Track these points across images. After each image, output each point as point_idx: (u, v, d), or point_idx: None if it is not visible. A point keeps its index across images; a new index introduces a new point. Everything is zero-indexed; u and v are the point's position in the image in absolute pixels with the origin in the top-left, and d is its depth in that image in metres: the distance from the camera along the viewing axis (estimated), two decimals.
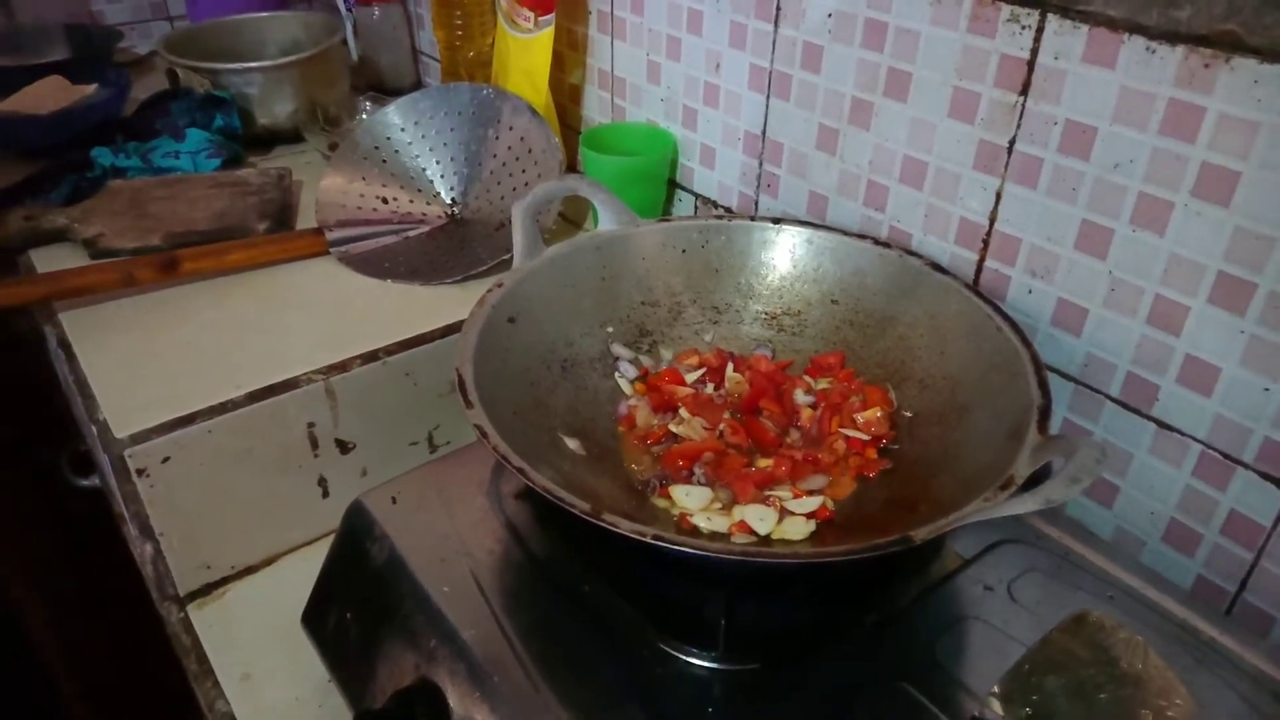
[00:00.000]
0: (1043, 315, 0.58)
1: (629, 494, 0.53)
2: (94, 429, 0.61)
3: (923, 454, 0.54)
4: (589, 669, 0.45)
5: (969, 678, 0.45)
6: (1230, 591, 0.53)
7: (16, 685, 0.72)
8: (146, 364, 0.66)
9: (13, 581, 0.83)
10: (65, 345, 0.69)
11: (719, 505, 0.51)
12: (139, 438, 0.59)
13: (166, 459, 0.60)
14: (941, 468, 0.51)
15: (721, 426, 0.56)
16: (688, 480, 0.53)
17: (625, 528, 0.41)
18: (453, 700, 0.46)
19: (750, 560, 0.43)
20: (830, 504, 0.51)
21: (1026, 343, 0.51)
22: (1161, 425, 0.54)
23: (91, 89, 1.06)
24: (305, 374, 0.64)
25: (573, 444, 0.54)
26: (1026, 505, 0.39)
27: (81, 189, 0.86)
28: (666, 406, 0.58)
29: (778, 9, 0.69)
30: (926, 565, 0.52)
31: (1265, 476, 0.50)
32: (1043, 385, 0.48)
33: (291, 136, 1.02)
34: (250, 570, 0.67)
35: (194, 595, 0.65)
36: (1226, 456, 0.51)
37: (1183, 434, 0.53)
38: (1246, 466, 0.51)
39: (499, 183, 0.84)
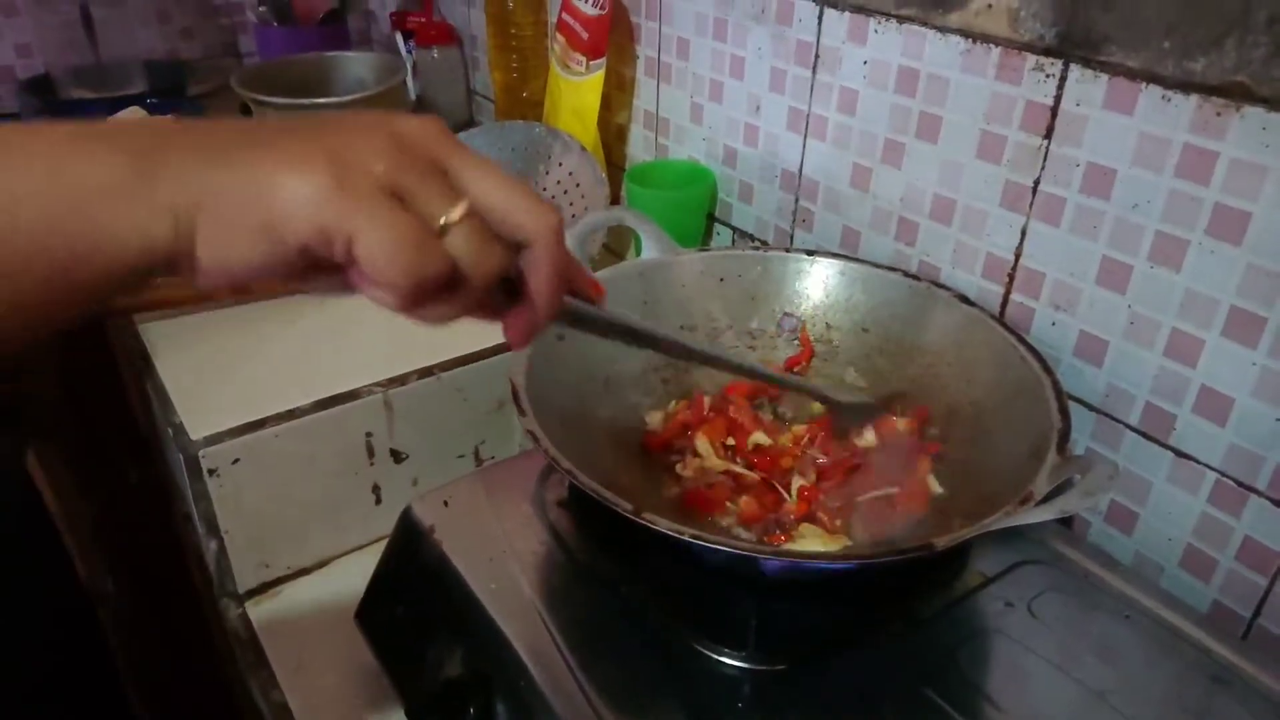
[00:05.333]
0: (1066, 346, 0.61)
1: (663, 505, 0.56)
2: (169, 431, 0.66)
3: (948, 475, 0.56)
4: (626, 664, 0.48)
5: (990, 687, 0.47)
6: (1246, 617, 0.55)
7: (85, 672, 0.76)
8: (219, 373, 0.71)
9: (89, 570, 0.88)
10: (144, 355, 0.74)
11: None
12: (213, 439, 0.63)
13: (236, 460, 0.64)
14: (965, 487, 0.54)
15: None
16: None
17: (664, 526, 0.44)
18: (498, 690, 0.49)
19: (780, 559, 0.46)
20: None
21: (1048, 370, 0.54)
22: (1178, 454, 0.56)
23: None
24: (366, 386, 0.69)
25: (612, 455, 0.57)
26: (1042, 515, 0.42)
27: None
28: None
29: (816, 57, 0.74)
30: (950, 581, 0.54)
31: (1278, 504, 0.52)
32: (1063, 411, 0.51)
33: None
34: (305, 571, 0.71)
35: (252, 593, 0.69)
36: (1240, 484, 0.53)
37: (1199, 462, 0.55)
38: (1260, 494, 0.53)
39: None
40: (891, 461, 0.58)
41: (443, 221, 0.30)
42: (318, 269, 0.31)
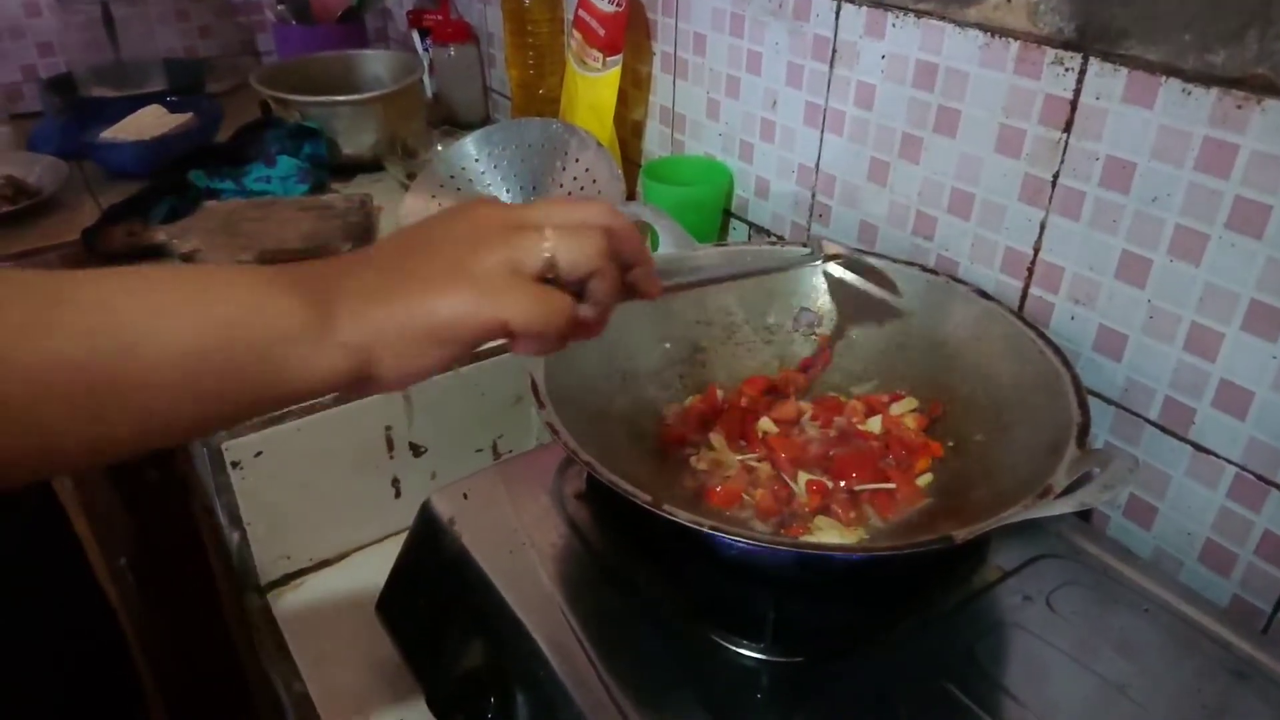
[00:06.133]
0: (1085, 340, 0.61)
1: (679, 498, 0.56)
2: None
3: (966, 469, 0.56)
4: (645, 655, 0.49)
5: (1008, 680, 0.47)
6: (1266, 611, 0.55)
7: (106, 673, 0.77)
8: None
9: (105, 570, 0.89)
10: None
11: None
12: (236, 432, 0.64)
13: (259, 453, 0.65)
14: (984, 481, 0.54)
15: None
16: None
17: (684, 518, 0.44)
18: (518, 681, 0.49)
19: (799, 551, 0.46)
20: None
21: (1068, 365, 0.54)
22: (1198, 448, 0.56)
23: (187, 117, 1.15)
24: None
25: (628, 449, 0.58)
26: (1061, 507, 0.42)
27: (179, 208, 0.93)
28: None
29: (834, 51, 0.74)
30: (969, 575, 0.54)
31: None
32: (1082, 405, 0.51)
33: (372, 165, 1.09)
34: (326, 563, 0.72)
35: (274, 584, 0.70)
36: (1260, 478, 0.53)
37: (1218, 456, 0.55)
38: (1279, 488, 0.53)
39: None
40: (892, 455, 0.58)
41: (546, 253, 0.37)
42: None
